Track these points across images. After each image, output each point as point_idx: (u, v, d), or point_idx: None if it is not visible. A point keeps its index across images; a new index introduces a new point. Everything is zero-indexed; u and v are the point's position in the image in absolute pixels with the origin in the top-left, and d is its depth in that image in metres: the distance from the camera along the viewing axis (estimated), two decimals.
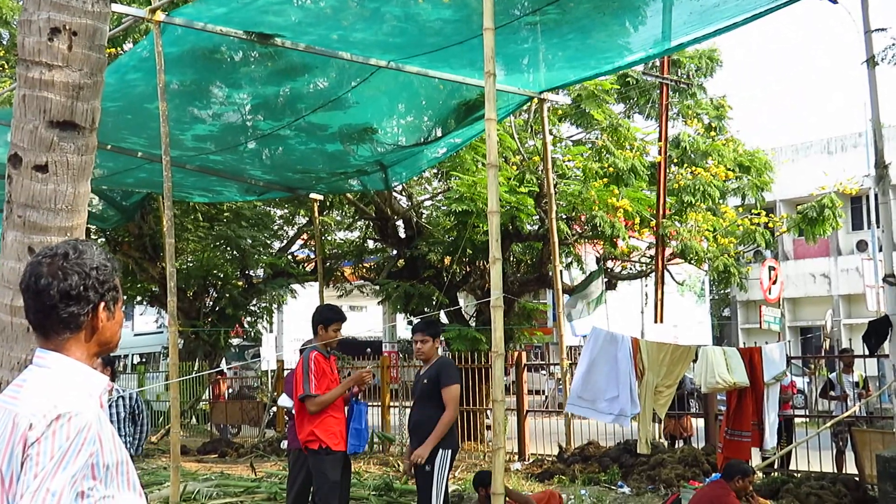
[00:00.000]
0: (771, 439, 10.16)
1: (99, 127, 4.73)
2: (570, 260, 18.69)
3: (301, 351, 7.30)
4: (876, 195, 10.57)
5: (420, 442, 7.01)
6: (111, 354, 7.16)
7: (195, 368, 21.34)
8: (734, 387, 9.73)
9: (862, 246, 35.00)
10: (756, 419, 10.00)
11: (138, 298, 25.94)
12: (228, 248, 22.76)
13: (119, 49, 14.19)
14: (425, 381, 7.26)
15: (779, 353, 10.28)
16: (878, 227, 24.63)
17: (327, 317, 7.20)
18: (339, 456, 6.80)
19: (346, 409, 7.23)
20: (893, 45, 10.63)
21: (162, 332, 28.07)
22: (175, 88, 10.67)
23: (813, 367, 19.34)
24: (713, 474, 10.77)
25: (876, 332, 10.29)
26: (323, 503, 6.77)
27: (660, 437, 14.79)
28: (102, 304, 2.46)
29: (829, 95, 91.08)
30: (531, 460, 14.34)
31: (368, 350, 29.05)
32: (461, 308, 18.88)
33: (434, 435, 6.87)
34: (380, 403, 17.39)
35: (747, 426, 9.99)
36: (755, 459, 11.15)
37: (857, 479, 10.91)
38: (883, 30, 10.08)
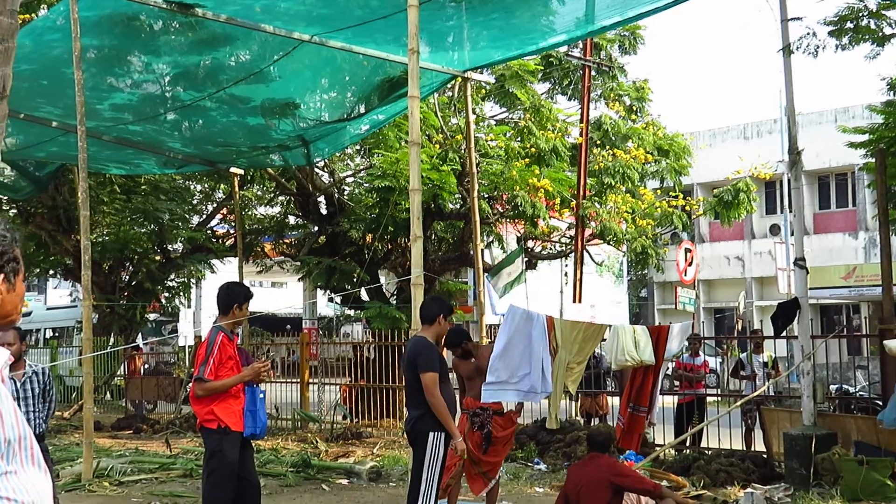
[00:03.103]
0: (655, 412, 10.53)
1: (12, 94, 4.59)
2: (491, 239, 18.80)
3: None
4: (789, 180, 10.84)
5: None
6: (22, 329, 6.99)
7: (110, 343, 20.96)
8: (641, 364, 9.93)
9: (774, 230, 35.85)
10: (652, 391, 10.29)
11: (52, 272, 25.37)
12: (146, 222, 22.36)
13: (34, 14, 13.78)
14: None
15: (681, 333, 10.47)
16: (790, 211, 25.27)
17: (246, 294, 6.97)
18: (238, 436, 6.64)
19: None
20: (808, 34, 10.90)
21: (76, 307, 27.50)
22: (92, 57, 10.41)
23: (725, 347, 19.83)
24: (627, 451, 10.99)
25: (784, 314, 10.58)
26: (217, 486, 6.58)
27: (576, 415, 15.00)
28: (2, 276, 2.37)
29: (748, 82, 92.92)
30: None
31: (288, 327, 28.88)
32: (382, 286, 18.86)
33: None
34: (299, 381, 17.31)
35: (646, 401, 10.26)
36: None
37: (764, 455, 11.21)
38: (798, 19, 10.33)
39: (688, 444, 12.37)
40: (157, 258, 23.44)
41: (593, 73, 18.90)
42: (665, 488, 7.85)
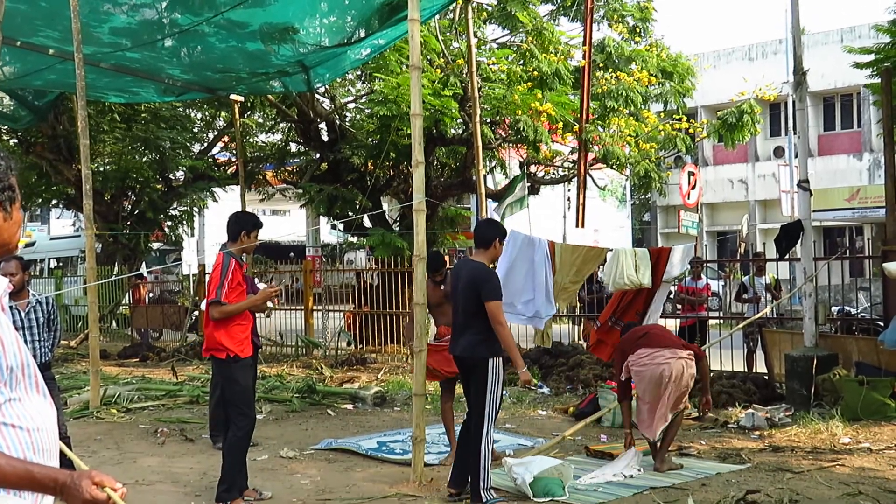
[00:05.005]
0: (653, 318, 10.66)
1: (8, 20, 4.50)
2: (493, 164, 18.72)
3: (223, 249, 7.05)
4: (794, 102, 10.73)
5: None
6: (25, 259, 7.00)
7: (114, 272, 21.03)
8: (640, 287, 9.98)
9: (779, 152, 35.60)
10: (641, 310, 10.36)
11: (54, 202, 25.35)
12: (147, 150, 22.26)
13: None
14: None
15: (683, 255, 10.47)
16: (794, 133, 25.09)
17: (254, 221, 7.04)
18: (247, 361, 6.77)
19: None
20: None
21: (79, 236, 27.51)
22: None
23: (728, 270, 19.86)
24: None
25: (787, 236, 10.57)
26: (236, 409, 6.69)
27: (579, 339, 15.10)
28: None
29: (753, 1, 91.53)
30: None
31: (291, 254, 28.90)
32: (385, 212, 18.85)
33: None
34: (303, 307, 17.40)
35: (631, 319, 10.36)
36: None
37: (766, 377, 11.30)
38: None
39: None
40: (159, 187, 23.41)
41: None
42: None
